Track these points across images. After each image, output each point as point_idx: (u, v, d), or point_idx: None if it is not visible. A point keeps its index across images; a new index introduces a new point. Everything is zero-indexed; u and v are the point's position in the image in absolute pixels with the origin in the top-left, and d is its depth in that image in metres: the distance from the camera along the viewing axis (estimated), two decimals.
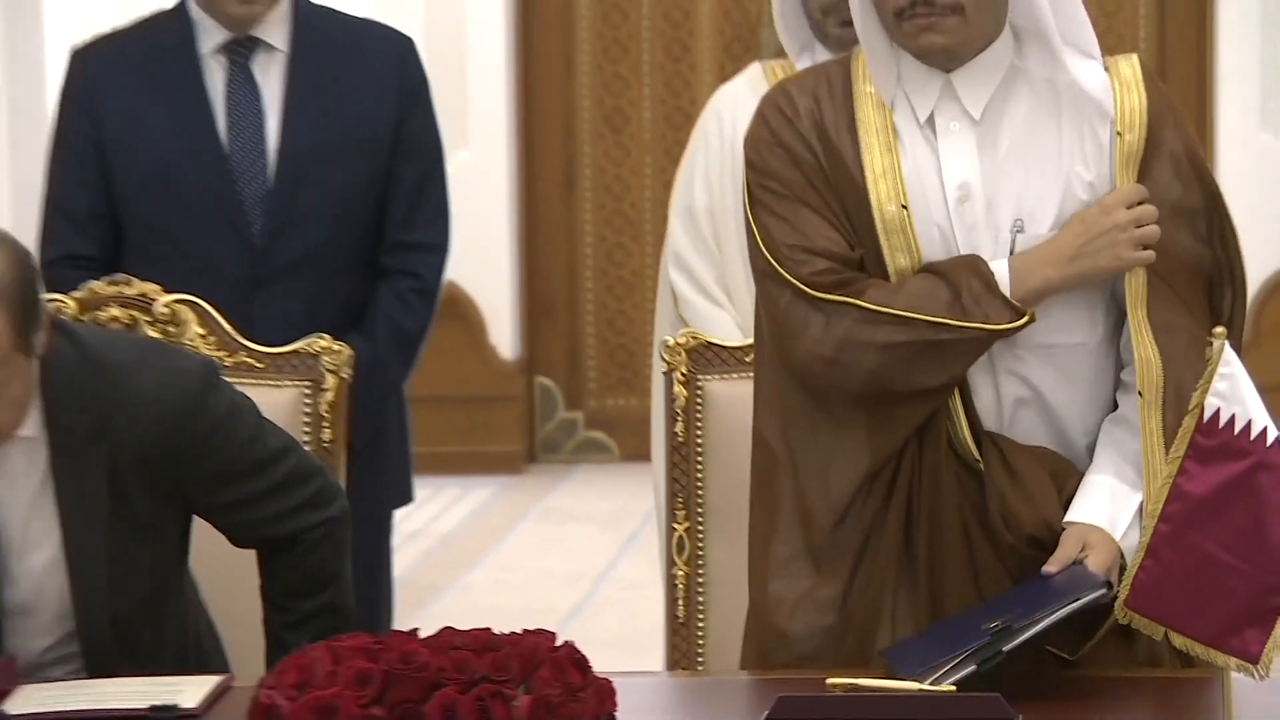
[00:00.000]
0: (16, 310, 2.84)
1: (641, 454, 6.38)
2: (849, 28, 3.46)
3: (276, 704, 2.51)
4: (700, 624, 3.34)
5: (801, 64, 4.07)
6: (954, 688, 2.71)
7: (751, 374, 3.22)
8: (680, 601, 3.32)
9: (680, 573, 3.33)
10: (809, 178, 2.93)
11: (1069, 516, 2.81)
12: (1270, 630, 2.61)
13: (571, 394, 8.65)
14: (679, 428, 3.32)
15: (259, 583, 3.15)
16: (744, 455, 3.24)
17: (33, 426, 2.95)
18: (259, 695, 2.55)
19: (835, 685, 2.71)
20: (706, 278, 4.26)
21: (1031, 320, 2.82)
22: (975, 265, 2.86)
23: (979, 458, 2.83)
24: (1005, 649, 2.70)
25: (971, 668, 2.69)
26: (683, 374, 3.36)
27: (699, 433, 3.34)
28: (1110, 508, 2.79)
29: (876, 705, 2.72)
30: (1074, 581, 2.80)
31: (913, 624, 2.88)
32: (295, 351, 3.28)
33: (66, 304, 3.25)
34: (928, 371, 2.87)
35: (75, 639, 3.05)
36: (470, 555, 7.55)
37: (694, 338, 3.41)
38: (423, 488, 4.95)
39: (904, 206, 2.86)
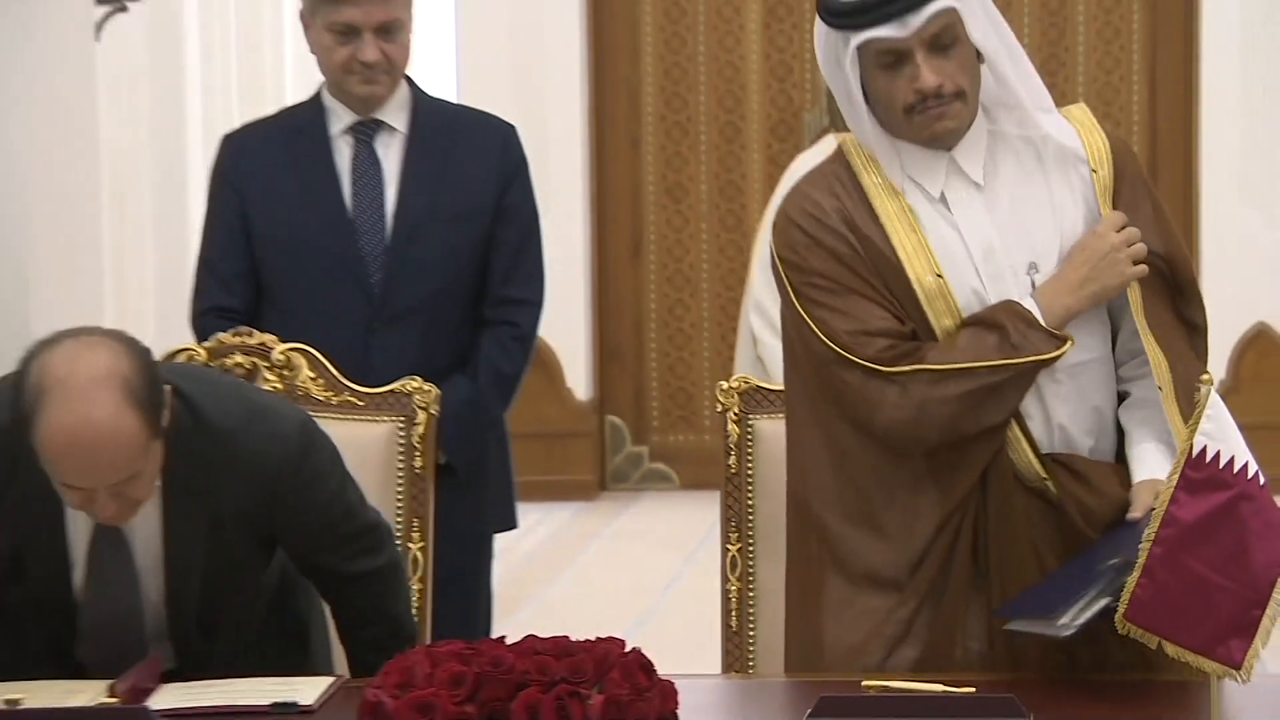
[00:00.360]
0: (147, 408, 2.85)
1: (698, 483, 6.37)
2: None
3: (382, 702, 2.52)
4: (751, 632, 3.33)
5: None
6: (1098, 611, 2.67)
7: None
8: (733, 613, 3.32)
9: (733, 587, 3.33)
10: (852, 268, 2.95)
11: (1136, 479, 2.85)
12: (1251, 640, 2.60)
13: (638, 430, 8.90)
14: (732, 460, 3.34)
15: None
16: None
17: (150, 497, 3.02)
18: (367, 694, 2.55)
19: (869, 687, 2.69)
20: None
21: (1072, 344, 2.86)
22: (1012, 308, 2.90)
23: (1045, 475, 2.86)
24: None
25: (1107, 599, 2.71)
26: (735, 414, 3.36)
27: (749, 465, 3.35)
28: (1168, 463, 2.78)
29: (907, 705, 2.67)
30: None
31: (987, 639, 2.91)
32: (392, 391, 3.36)
33: (198, 353, 3.35)
34: (993, 410, 2.90)
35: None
36: (550, 571, 7.66)
37: (745, 381, 3.43)
38: None
39: (939, 275, 2.90)
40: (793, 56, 8.56)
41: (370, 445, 3.27)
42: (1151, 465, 2.86)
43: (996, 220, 2.93)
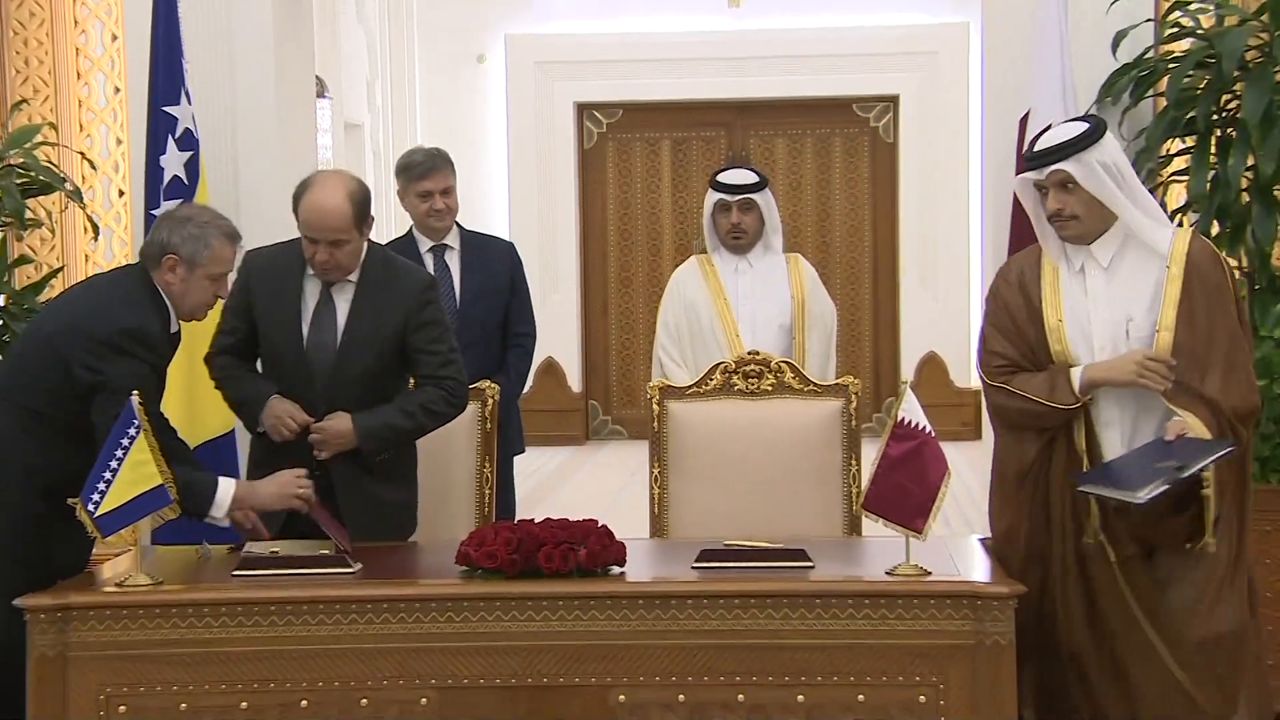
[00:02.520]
0: (357, 205, 4.03)
1: (638, 435, 9.62)
2: (736, 240, 5.12)
3: (468, 552, 3.57)
4: (665, 516, 4.35)
5: (716, 257, 5.35)
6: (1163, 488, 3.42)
7: (688, 398, 4.43)
8: (656, 505, 4.37)
9: (656, 492, 4.38)
10: (1008, 310, 3.82)
11: (1170, 421, 3.62)
12: (928, 518, 3.45)
13: (605, 407, 12.20)
14: (655, 424, 4.43)
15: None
16: (687, 439, 4.32)
17: (355, 275, 4.11)
18: (460, 549, 3.57)
19: (729, 543, 3.66)
20: (675, 354, 5.35)
21: (1082, 404, 3.67)
22: (1067, 369, 3.69)
23: (1085, 455, 3.68)
24: (1184, 475, 3.44)
25: (1165, 486, 3.41)
26: (657, 400, 4.47)
27: (664, 426, 4.42)
28: (1185, 425, 3.57)
29: (744, 553, 3.60)
30: (1202, 444, 3.55)
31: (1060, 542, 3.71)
32: (474, 388, 4.46)
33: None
34: (1033, 422, 3.73)
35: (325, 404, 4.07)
36: (557, 483, 9.55)
37: (660, 384, 4.57)
38: (532, 451, 6.02)
39: (1060, 320, 3.75)
40: (687, 206, 11.98)
41: (464, 417, 4.34)
42: (1180, 421, 3.58)
43: (1111, 290, 3.71)
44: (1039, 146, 3.76)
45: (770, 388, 4.40)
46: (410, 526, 4.24)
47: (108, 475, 3.54)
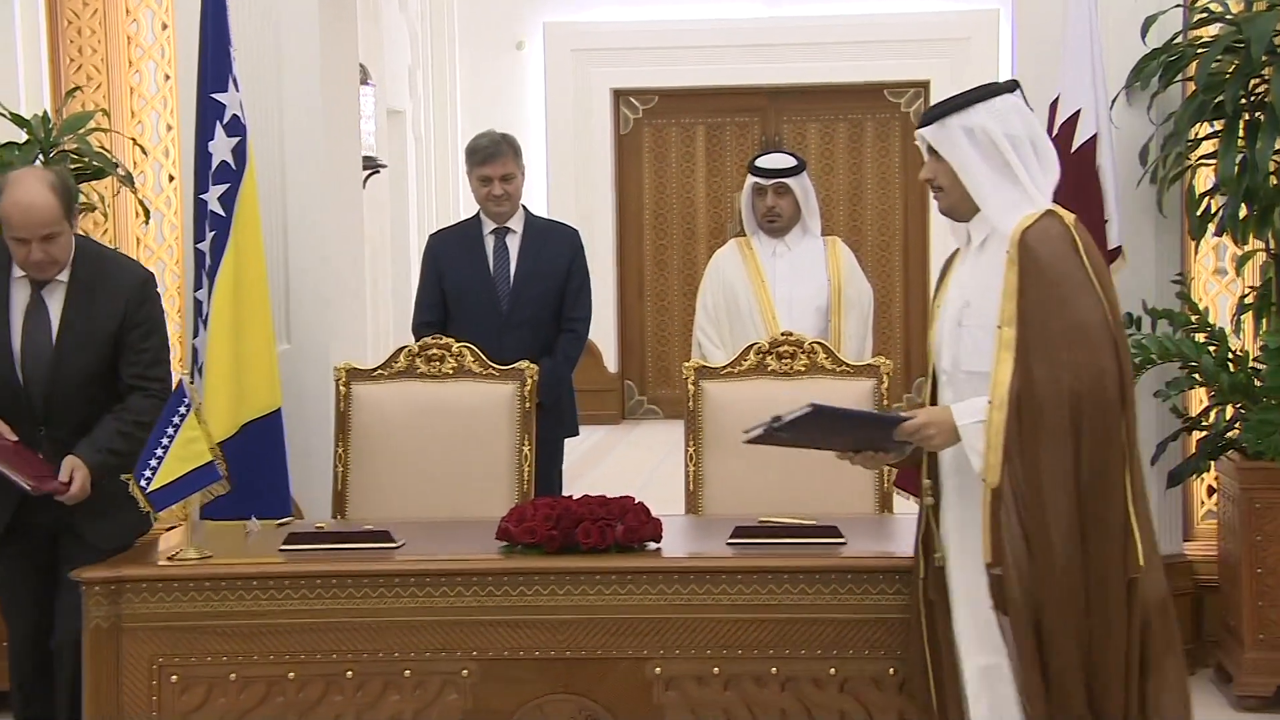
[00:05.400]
0: (62, 196, 3.86)
1: (673, 415, 9.52)
2: (771, 223, 5.13)
3: (508, 528, 3.61)
4: (699, 493, 4.37)
5: (755, 240, 5.40)
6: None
7: (723, 378, 4.44)
8: (690, 482, 4.39)
9: (691, 469, 4.39)
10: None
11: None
12: None
13: (641, 388, 12.26)
14: (690, 403, 4.46)
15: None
16: (722, 418, 4.31)
17: (65, 275, 3.93)
18: (500, 525, 3.61)
19: (763, 520, 3.69)
20: (713, 336, 5.42)
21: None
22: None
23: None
24: (775, 427, 3.12)
25: (760, 431, 3.14)
26: (692, 380, 4.50)
27: (699, 405, 4.44)
28: (968, 408, 3.13)
29: (779, 529, 3.63)
30: (889, 415, 3.29)
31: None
32: (514, 367, 4.52)
33: (413, 348, 4.54)
34: None
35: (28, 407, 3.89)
36: (595, 461, 9.77)
37: (696, 364, 4.59)
38: None
39: (939, 305, 3.32)
40: (721, 190, 11.86)
41: (503, 396, 4.45)
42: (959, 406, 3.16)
43: (970, 273, 3.23)
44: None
45: (803, 368, 4.41)
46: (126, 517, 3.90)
47: (159, 453, 3.57)
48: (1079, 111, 5.07)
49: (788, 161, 5.45)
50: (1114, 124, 5.18)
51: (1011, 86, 3.23)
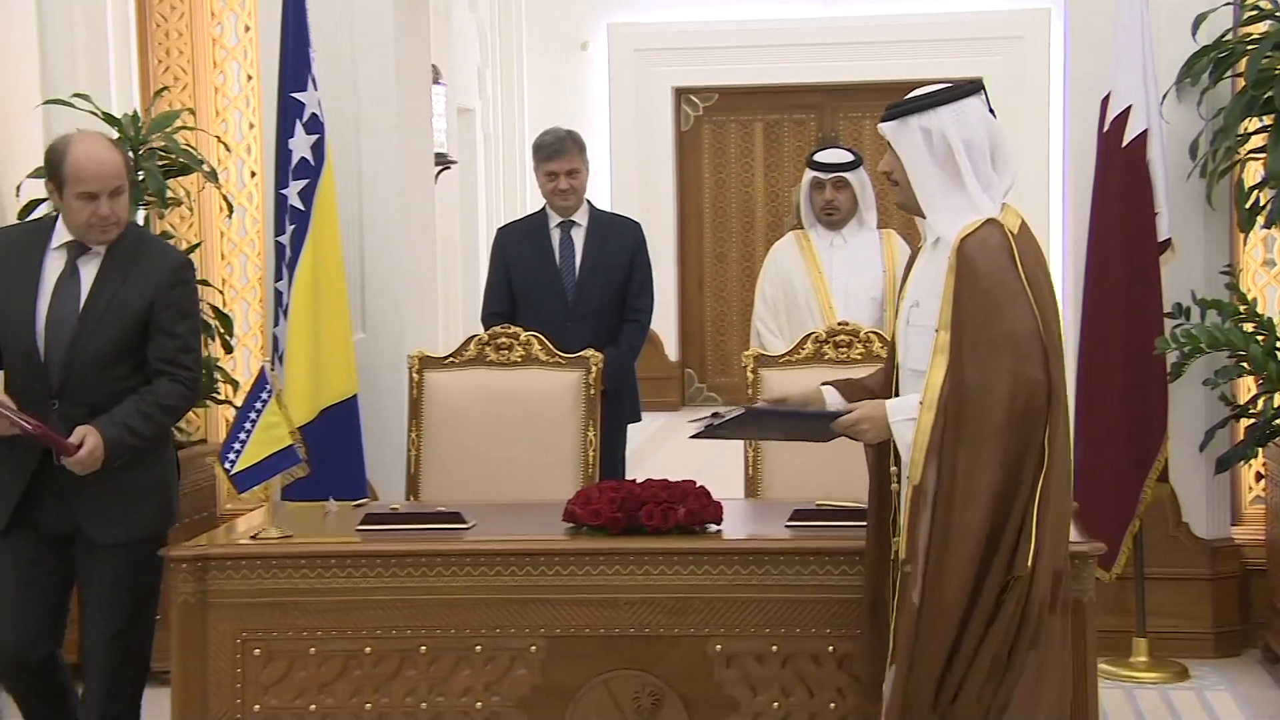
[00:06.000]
0: (125, 156, 3.81)
1: (732, 401, 9.41)
2: (829, 216, 5.10)
3: (574, 510, 3.61)
4: (759, 477, 4.36)
5: (813, 233, 5.38)
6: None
7: (781, 366, 4.42)
8: (750, 465, 4.39)
9: (750, 453, 4.38)
10: None
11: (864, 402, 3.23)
12: None
13: (701, 375, 12.20)
14: (749, 390, 4.46)
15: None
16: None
17: (103, 248, 3.74)
18: (566, 507, 3.59)
19: (820, 503, 3.67)
20: (772, 325, 5.43)
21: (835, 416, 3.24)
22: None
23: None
24: (716, 424, 3.28)
25: (702, 428, 3.29)
26: (751, 367, 4.51)
27: (758, 393, 4.41)
28: (903, 404, 3.14)
29: (836, 512, 3.58)
30: (823, 412, 3.29)
31: None
32: (580, 356, 4.54)
33: (483, 337, 4.57)
34: None
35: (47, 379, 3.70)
36: (656, 446, 9.78)
37: (755, 353, 4.61)
38: None
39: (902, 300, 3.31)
40: (778, 185, 11.90)
41: (569, 383, 4.48)
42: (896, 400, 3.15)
43: (923, 271, 3.21)
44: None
45: (859, 356, 4.39)
46: (169, 507, 3.91)
47: (242, 436, 3.59)
48: (1130, 108, 5.04)
49: (846, 157, 5.47)
50: (1164, 119, 5.14)
51: (977, 88, 3.15)
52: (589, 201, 5.44)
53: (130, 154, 5.07)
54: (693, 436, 3.27)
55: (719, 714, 3.50)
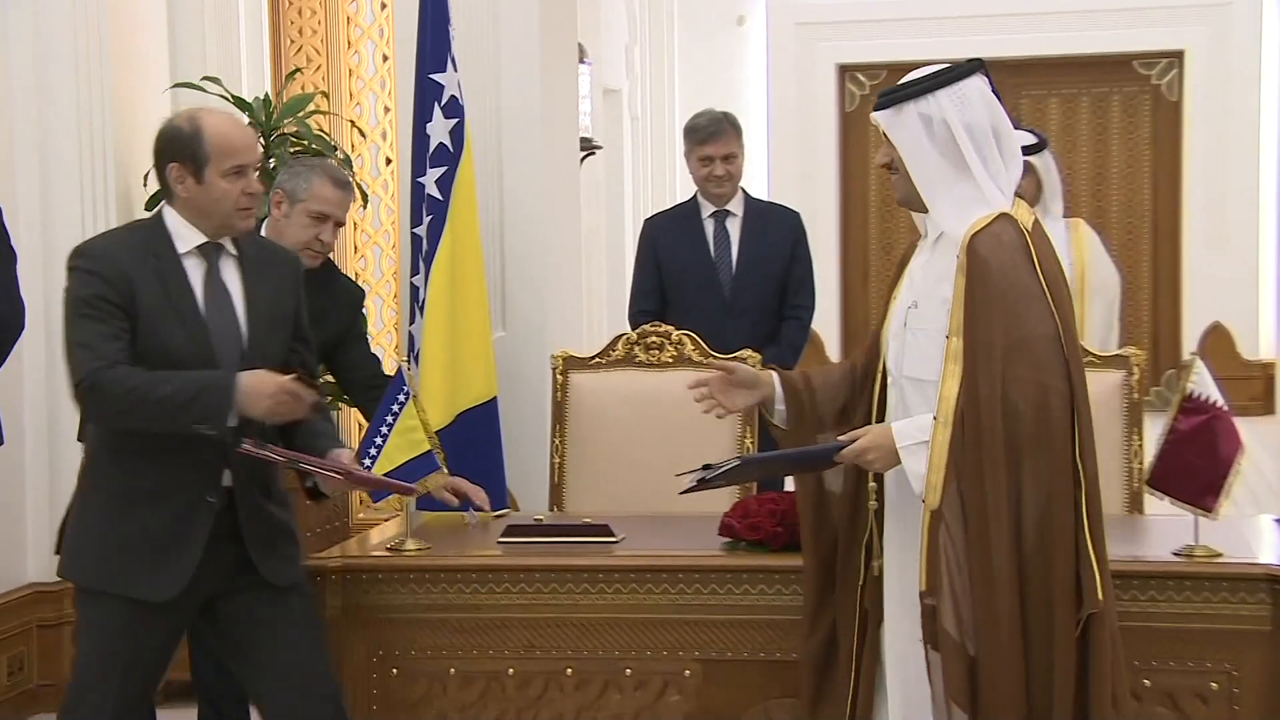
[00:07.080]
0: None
1: None
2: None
3: (731, 523, 3.63)
4: None
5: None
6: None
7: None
8: None
9: None
10: None
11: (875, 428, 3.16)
12: (1219, 497, 3.34)
13: None
14: None
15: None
16: None
17: (233, 249, 3.44)
18: (723, 520, 3.62)
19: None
20: None
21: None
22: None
23: None
24: (709, 477, 3.23)
25: (694, 483, 3.25)
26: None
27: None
28: (911, 427, 3.05)
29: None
30: (826, 447, 3.20)
31: None
32: (736, 356, 4.20)
33: (632, 336, 4.56)
34: None
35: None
36: None
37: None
38: None
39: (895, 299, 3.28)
40: None
41: None
42: (903, 425, 3.06)
43: (922, 269, 3.18)
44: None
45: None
46: (299, 549, 3.52)
47: (378, 441, 3.60)
48: None
49: (1028, 139, 5.37)
50: None
51: (976, 67, 3.10)
52: (744, 189, 5.44)
53: (261, 140, 5.18)
54: (683, 493, 3.24)
55: None
